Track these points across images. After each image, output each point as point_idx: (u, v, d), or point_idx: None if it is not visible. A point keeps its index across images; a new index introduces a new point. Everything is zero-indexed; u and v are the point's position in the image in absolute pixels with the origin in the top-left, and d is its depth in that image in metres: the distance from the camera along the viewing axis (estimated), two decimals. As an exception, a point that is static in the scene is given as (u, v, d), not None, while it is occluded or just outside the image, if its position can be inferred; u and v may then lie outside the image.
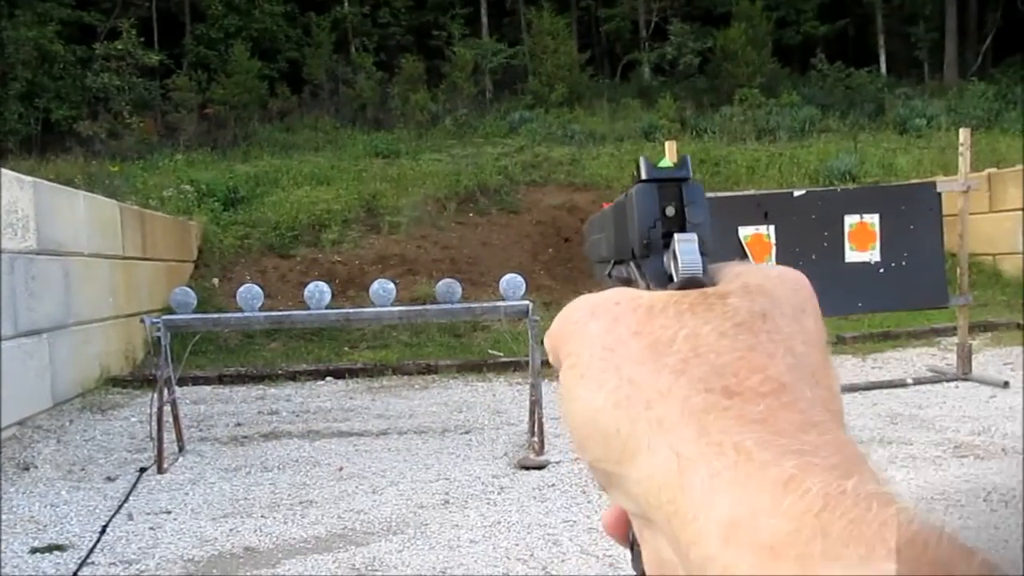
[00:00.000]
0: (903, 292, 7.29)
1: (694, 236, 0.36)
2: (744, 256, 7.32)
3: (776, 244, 7.22)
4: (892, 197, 7.54)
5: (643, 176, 0.38)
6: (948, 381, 7.49)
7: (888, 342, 9.49)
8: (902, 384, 7.45)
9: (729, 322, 0.33)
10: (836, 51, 26.65)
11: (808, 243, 7.25)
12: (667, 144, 7.45)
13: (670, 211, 0.37)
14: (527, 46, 25.95)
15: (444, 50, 25.64)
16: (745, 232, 7.19)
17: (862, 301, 7.34)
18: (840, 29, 28.41)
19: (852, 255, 7.35)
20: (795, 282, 0.37)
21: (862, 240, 7.41)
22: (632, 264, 0.39)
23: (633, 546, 0.38)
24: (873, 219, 7.33)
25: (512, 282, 5.93)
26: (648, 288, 0.37)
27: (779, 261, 7.15)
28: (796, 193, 7.55)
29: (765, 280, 0.36)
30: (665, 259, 0.37)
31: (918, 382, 7.50)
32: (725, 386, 0.31)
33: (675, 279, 0.36)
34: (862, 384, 7.48)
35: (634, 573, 0.38)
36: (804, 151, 17.06)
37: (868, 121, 20.41)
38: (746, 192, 8.90)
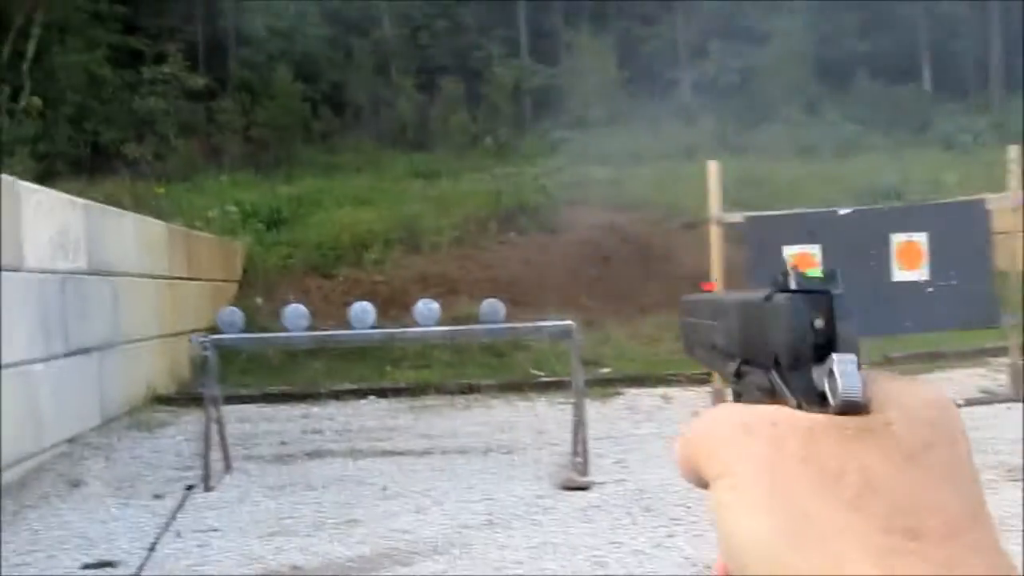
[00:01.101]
0: (952, 311, 7.16)
1: (854, 357, 0.34)
2: (785, 276, 7.25)
3: (822, 263, 7.14)
4: (940, 215, 7.44)
5: (792, 286, 0.37)
6: (1000, 402, 7.34)
7: (937, 362, 9.32)
8: (952, 405, 7.30)
9: (899, 454, 0.32)
10: (878, 67, 26.40)
11: (854, 262, 7.15)
12: (709, 164, 7.42)
13: (818, 323, 0.36)
14: (566, 66, 26.04)
15: (483, 71, 25.82)
16: (790, 251, 7.12)
17: (910, 321, 7.23)
18: (882, 46, 28.15)
19: (899, 274, 7.25)
20: (946, 407, 0.35)
21: (910, 258, 7.30)
22: (774, 373, 0.37)
23: None
24: (921, 237, 7.23)
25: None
26: (799, 406, 0.35)
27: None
28: (842, 211, 7.48)
29: (922, 404, 0.34)
30: (815, 375, 0.35)
31: (969, 403, 7.36)
32: (907, 527, 0.30)
33: (831, 400, 0.34)
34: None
35: None
36: (847, 169, 16.89)
37: (912, 138, 20.18)
38: (791, 211, 8.83)
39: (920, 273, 7.20)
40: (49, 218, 6.67)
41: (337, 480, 5.86)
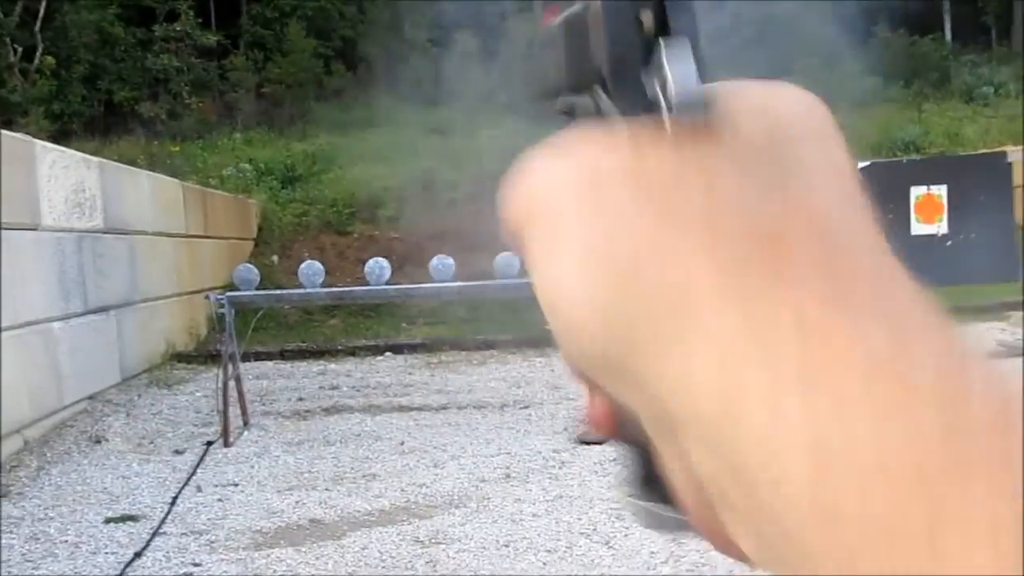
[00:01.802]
0: (972, 265, 7.11)
1: (685, 41, 0.27)
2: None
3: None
4: (960, 168, 7.36)
5: None
6: (1019, 356, 7.30)
7: (956, 316, 9.25)
8: (970, 359, 7.28)
9: (749, 158, 0.25)
10: (898, 17, 25.94)
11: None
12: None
13: (647, 19, 0.27)
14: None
15: (499, 25, 25.56)
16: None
17: (929, 275, 7.09)
18: (903, -4, 27.64)
19: (918, 227, 7.20)
20: (810, 102, 0.28)
21: (929, 212, 7.24)
22: (599, 93, 0.29)
23: (625, 439, 0.30)
24: (941, 190, 7.15)
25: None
26: (626, 121, 0.27)
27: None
28: (860, 164, 7.38)
29: (776, 99, 0.27)
30: (646, 80, 0.27)
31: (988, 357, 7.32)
32: (764, 236, 0.23)
33: (662, 102, 0.26)
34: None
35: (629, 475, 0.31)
36: (866, 121, 16.69)
37: (933, 90, 19.89)
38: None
39: (939, 226, 7.14)
40: (65, 177, 6.67)
41: (354, 435, 5.91)
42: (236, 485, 4.92)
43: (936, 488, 0.19)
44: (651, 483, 0.29)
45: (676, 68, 0.26)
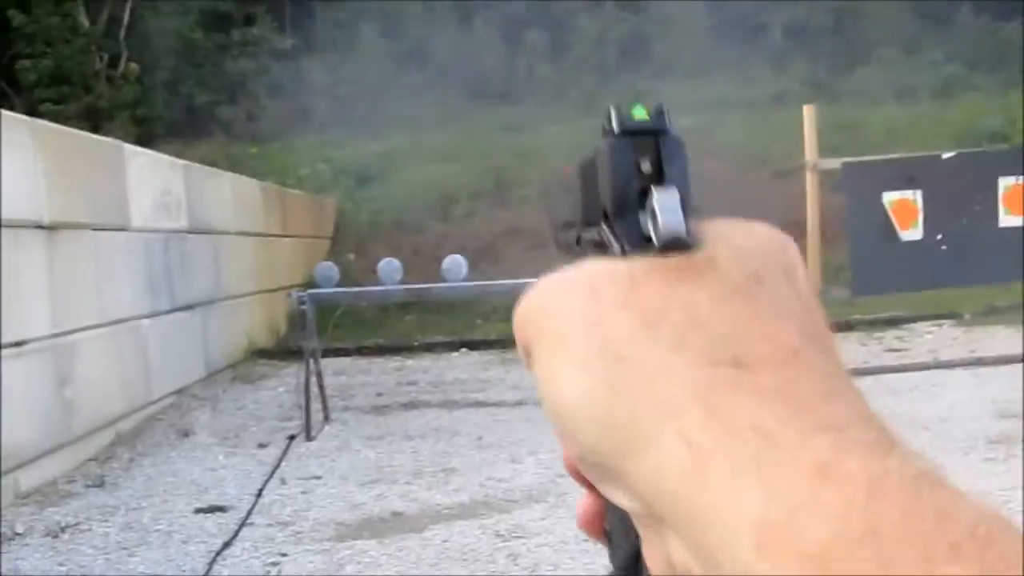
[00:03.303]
0: (1064, 257, 6.85)
1: (674, 189, 0.32)
2: (889, 224, 7.05)
3: (923, 209, 6.90)
4: (1051, 157, 7.08)
5: (615, 129, 0.34)
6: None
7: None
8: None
9: (724, 288, 0.29)
10: (982, 3, 25.10)
11: (958, 208, 6.90)
12: (805, 109, 7.22)
13: (646, 166, 0.33)
14: (652, 13, 25.51)
15: (567, 21, 25.49)
16: (889, 197, 6.90)
17: (1018, 268, 6.95)
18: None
19: (1007, 219, 6.96)
20: (781, 241, 0.33)
21: (1017, 203, 7.00)
22: (604, 227, 0.34)
23: (610, 539, 0.36)
24: (1031, 180, 6.91)
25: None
26: (624, 254, 0.32)
27: (927, 227, 6.85)
28: (945, 155, 7.20)
29: (751, 237, 0.32)
30: (642, 219, 0.32)
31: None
32: (733, 356, 0.28)
33: (655, 241, 0.31)
34: (1016, 356, 7.10)
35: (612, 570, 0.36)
36: (948, 112, 16.21)
37: (1018, 77, 19.19)
38: (890, 156, 8.53)
39: (1030, 218, 6.90)
40: (152, 179, 6.89)
41: (433, 430, 5.98)
42: (319, 478, 5.03)
43: (868, 568, 0.23)
44: None
45: (665, 211, 0.31)
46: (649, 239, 0.31)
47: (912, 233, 6.86)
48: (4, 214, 4.79)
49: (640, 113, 0.34)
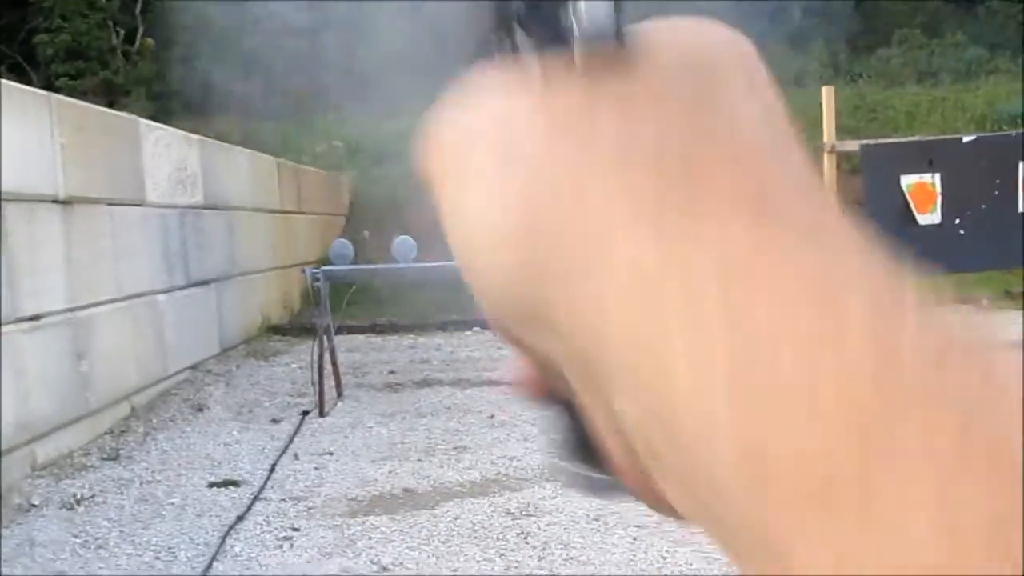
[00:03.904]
0: (1085, 243, 6.78)
1: None
2: (907, 207, 6.99)
3: (942, 192, 6.84)
4: (1074, 141, 7.00)
5: None
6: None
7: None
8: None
9: (666, 85, 0.23)
10: (1007, -15, 24.76)
11: (978, 191, 6.83)
12: (823, 90, 7.15)
13: None
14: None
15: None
16: (908, 180, 6.83)
17: (1037, 253, 6.88)
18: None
19: (1027, 204, 6.89)
20: (740, 43, 0.26)
21: (1038, 188, 6.93)
22: (516, 30, 0.26)
23: (552, 401, 0.28)
24: (1052, 165, 6.83)
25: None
26: (540, 54, 0.25)
27: (945, 210, 6.79)
28: (965, 138, 7.12)
29: (698, 34, 0.26)
30: (562, 14, 0.25)
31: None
32: (683, 166, 0.22)
33: (576, 36, 0.24)
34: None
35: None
36: (970, 95, 16.05)
37: (1043, 60, 18.96)
38: (909, 138, 8.46)
39: (1049, 202, 6.83)
40: (168, 154, 6.90)
41: (445, 408, 6.00)
42: (331, 454, 5.05)
43: (869, 423, 0.18)
44: (581, 447, 0.28)
45: None
46: (569, 34, 0.25)
47: (930, 217, 6.80)
48: (22, 188, 4.81)
49: None
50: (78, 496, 4.42)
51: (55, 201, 5.19)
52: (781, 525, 0.18)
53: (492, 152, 0.24)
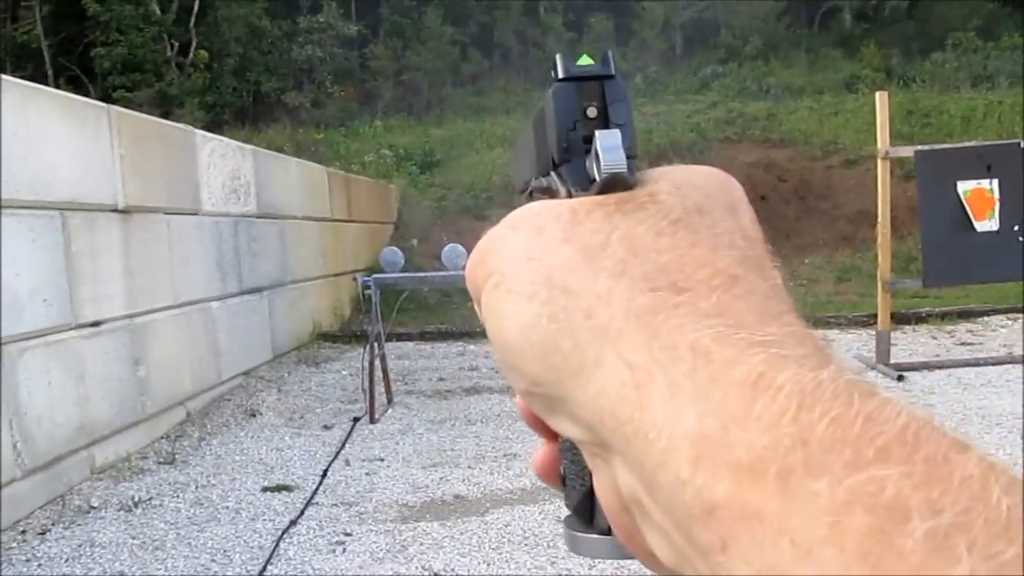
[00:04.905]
0: None
1: (616, 132, 0.33)
2: (964, 214, 6.85)
3: (1000, 199, 6.70)
4: None
5: (560, 75, 0.34)
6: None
7: None
8: None
9: (664, 220, 0.31)
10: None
11: (1037, 197, 6.68)
12: (878, 96, 7.05)
13: (591, 112, 0.34)
14: (719, -2, 25.14)
15: (633, 6, 25.27)
16: (965, 187, 6.71)
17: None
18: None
19: (1088, 210, 6.72)
20: (724, 179, 0.34)
21: (1099, 193, 6.75)
22: (552, 174, 0.35)
23: (565, 481, 0.37)
24: (1114, 170, 6.66)
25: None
26: (570, 195, 0.33)
27: (1003, 217, 6.66)
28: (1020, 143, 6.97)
29: (693, 176, 0.34)
30: (588, 163, 0.33)
31: None
32: (672, 282, 0.29)
33: (597, 179, 0.32)
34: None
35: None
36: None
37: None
38: (965, 144, 8.29)
39: (1112, 208, 6.65)
40: (222, 164, 7.02)
41: (494, 416, 6.01)
42: (382, 460, 5.09)
43: (791, 481, 0.23)
44: (589, 517, 0.35)
45: (607, 149, 0.32)
46: (594, 181, 0.33)
47: (988, 224, 6.67)
48: (83, 198, 4.93)
49: (585, 60, 0.35)
50: (136, 499, 4.51)
51: (115, 211, 5.31)
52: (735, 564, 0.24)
53: (526, 270, 0.31)
